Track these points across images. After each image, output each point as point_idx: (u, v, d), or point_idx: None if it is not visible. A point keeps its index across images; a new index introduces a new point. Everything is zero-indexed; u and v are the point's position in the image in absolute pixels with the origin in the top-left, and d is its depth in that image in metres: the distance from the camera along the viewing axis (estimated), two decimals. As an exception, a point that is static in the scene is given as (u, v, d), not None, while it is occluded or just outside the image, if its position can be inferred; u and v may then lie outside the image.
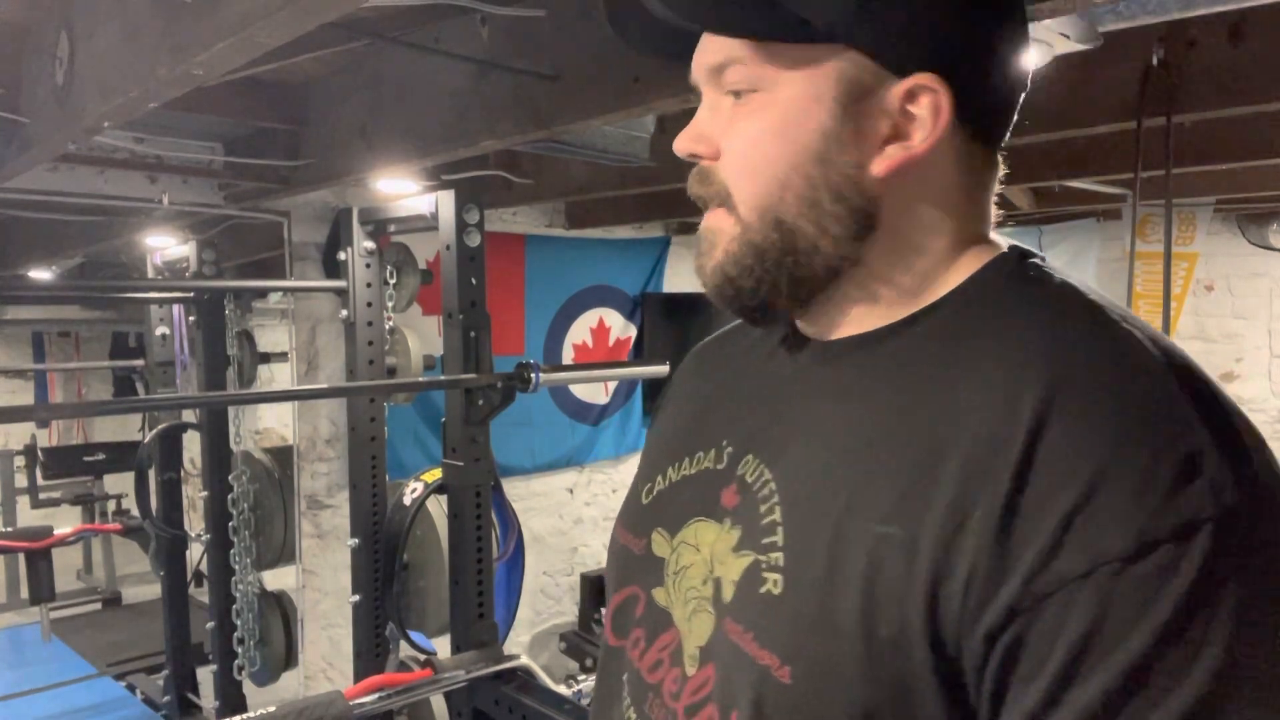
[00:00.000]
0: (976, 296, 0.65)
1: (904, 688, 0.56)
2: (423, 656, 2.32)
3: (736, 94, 0.66)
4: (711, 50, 0.67)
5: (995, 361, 0.59)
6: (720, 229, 0.69)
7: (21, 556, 3.43)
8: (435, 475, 2.41)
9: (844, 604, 0.58)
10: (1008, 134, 0.69)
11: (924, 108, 0.63)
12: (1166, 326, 2.02)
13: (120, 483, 5.73)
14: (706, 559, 0.69)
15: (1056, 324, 0.60)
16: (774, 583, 0.62)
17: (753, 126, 0.66)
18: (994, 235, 0.70)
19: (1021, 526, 0.53)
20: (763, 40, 0.63)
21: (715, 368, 0.85)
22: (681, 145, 0.70)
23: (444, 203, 2.27)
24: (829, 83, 0.63)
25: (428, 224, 2.38)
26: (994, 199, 0.71)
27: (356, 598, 2.64)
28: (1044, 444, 0.54)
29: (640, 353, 4.75)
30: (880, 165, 0.64)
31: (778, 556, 0.63)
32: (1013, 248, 0.69)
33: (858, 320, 0.68)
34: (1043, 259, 0.68)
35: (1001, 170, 0.71)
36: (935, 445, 0.58)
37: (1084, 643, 0.50)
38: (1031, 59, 1.45)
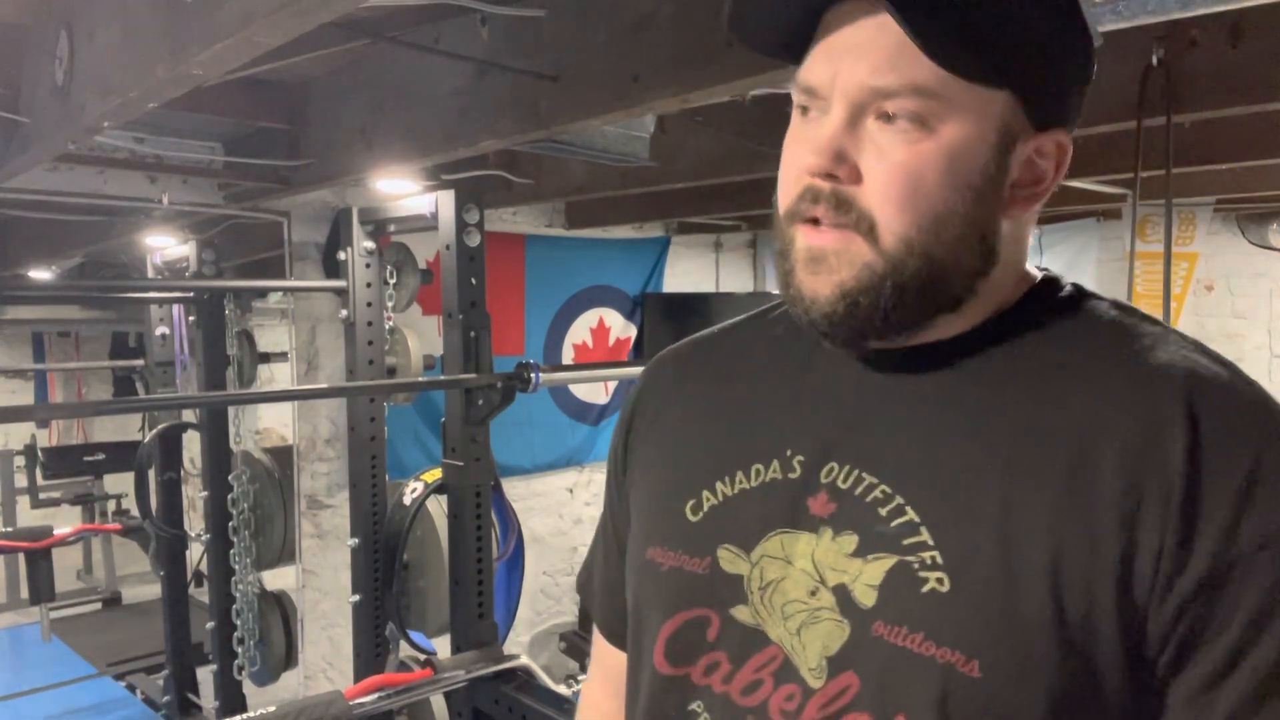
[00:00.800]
0: (1048, 312, 0.71)
1: (1092, 666, 0.60)
2: (423, 656, 2.32)
3: (889, 117, 0.65)
4: (884, 71, 0.64)
5: (1118, 370, 0.66)
6: (847, 251, 0.67)
7: (21, 556, 3.44)
8: (435, 475, 2.41)
9: (1030, 594, 0.61)
10: None
11: (1050, 160, 0.69)
12: (1166, 327, 2.02)
13: (120, 483, 5.73)
14: (808, 570, 0.68)
15: (1156, 338, 0.68)
16: (938, 580, 0.63)
17: (916, 157, 0.64)
18: None
19: (1202, 508, 0.59)
20: (970, 79, 0.64)
21: (724, 376, 0.83)
22: (819, 162, 0.66)
23: (444, 203, 2.27)
24: (993, 126, 0.65)
25: (427, 224, 2.38)
26: None
27: (356, 598, 2.64)
28: (1204, 436, 0.61)
29: (640, 353, 4.75)
30: (1017, 209, 0.69)
31: (932, 555, 0.64)
32: (1045, 270, 0.75)
33: (934, 330, 0.70)
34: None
35: None
36: (1084, 441, 0.63)
37: (1264, 608, 0.58)
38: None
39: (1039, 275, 0.74)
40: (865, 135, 0.65)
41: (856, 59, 0.65)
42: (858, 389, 0.73)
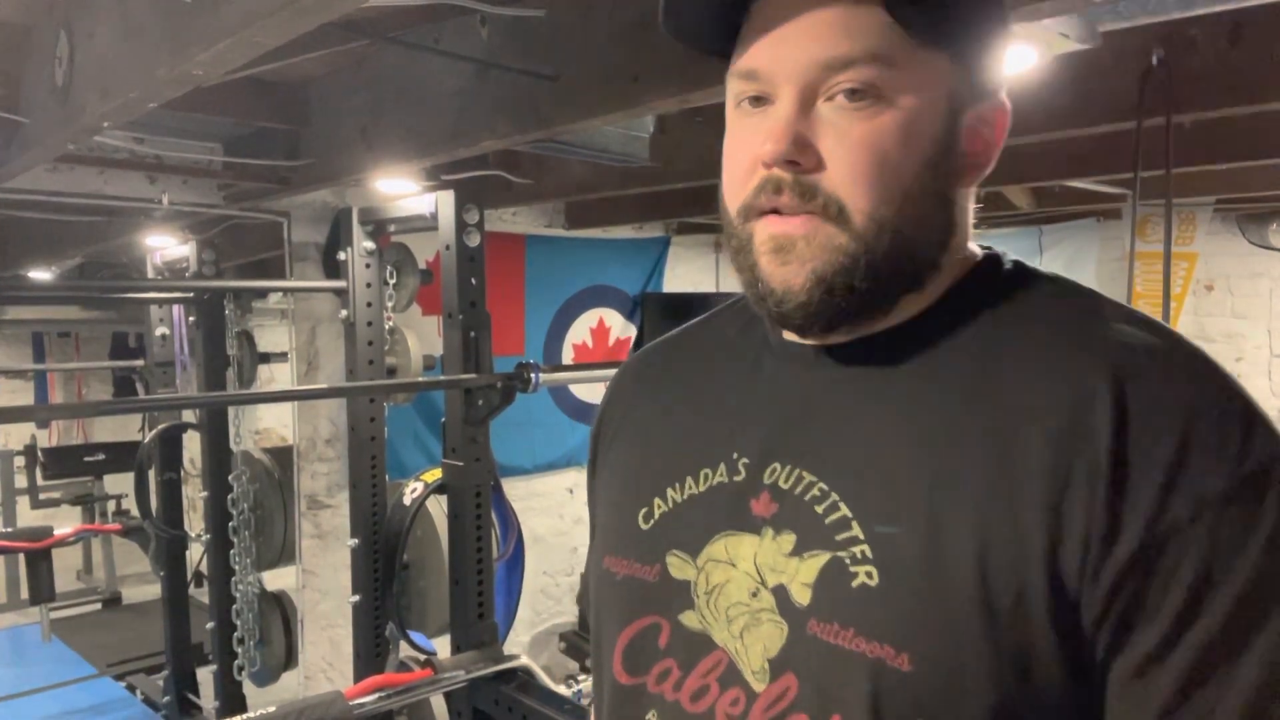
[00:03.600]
0: (990, 291, 0.68)
1: (1025, 652, 0.58)
2: (423, 656, 2.32)
3: (853, 93, 0.62)
4: (838, 41, 0.62)
5: (1046, 347, 0.64)
6: (816, 238, 0.64)
7: (21, 556, 3.44)
8: (435, 475, 2.41)
9: (957, 582, 0.59)
10: None
11: (993, 125, 0.67)
12: (1166, 326, 2.02)
13: (120, 483, 5.73)
14: (749, 571, 0.67)
15: (1086, 311, 0.66)
16: (867, 575, 0.62)
17: (877, 132, 0.63)
18: None
19: (1130, 485, 0.57)
20: (917, 33, 0.62)
21: (674, 384, 0.82)
22: (779, 149, 0.63)
23: (444, 203, 2.27)
24: (942, 93, 0.64)
25: (427, 224, 2.38)
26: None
27: (356, 598, 2.64)
28: (1131, 414, 0.59)
29: (640, 353, 4.75)
30: (969, 176, 0.68)
31: (863, 549, 0.62)
32: (987, 247, 0.73)
33: (876, 321, 0.69)
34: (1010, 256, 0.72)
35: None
36: (1009, 424, 0.61)
37: (1199, 581, 0.56)
38: (1030, 59, 1.45)
39: (980, 253, 0.72)
40: (819, 119, 0.63)
41: (804, 37, 0.63)
42: (802, 386, 0.72)
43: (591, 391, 4.61)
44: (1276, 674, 0.55)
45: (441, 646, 2.46)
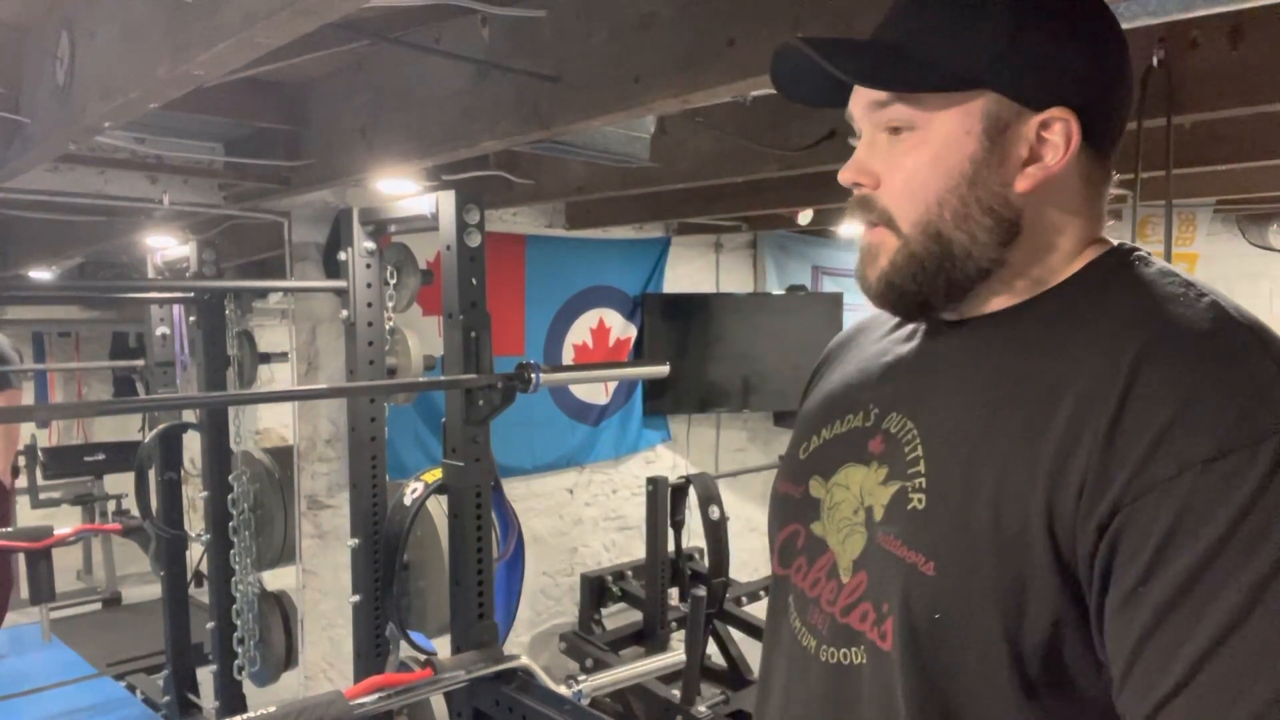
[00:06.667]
0: (1087, 281, 0.80)
1: (1025, 573, 0.71)
2: (423, 657, 2.32)
3: (895, 130, 0.81)
4: (874, 91, 0.81)
5: (1103, 322, 0.75)
6: (882, 243, 0.84)
7: (21, 556, 3.43)
8: (435, 475, 2.41)
9: (977, 510, 0.74)
10: (1119, 143, 0.85)
11: (1057, 135, 0.78)
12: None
13: (120, 483, 5.73)
14: (857, 494, 0.86)
15: (1154, 292, 0.76)
16: (919, 500, 0.79)
17: (911, 159, 0.80)
18: (1105, 234, 0.85)
19: (1123, 441, 0.67)
20: (923, 92, 0.78)
21: (855, 352, 1.01)
22: (847, 176, 0.85)
23: (444, 203, 2.27)
24: (975, 119, 0.78)
25: (428, 224, 2.38)
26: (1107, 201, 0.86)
27: (356, 598, 2.64)
28: (1141, 379, 0.69)
29: (640, 353, 4.75)
30: (1022, 183, 0.79)
31: (921, 481, 0.79)
32: (1122, 244, 0.84)
33: (990, 303, 0.83)
34: (1147, 252, 0.83)
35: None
36: (1052, 389, 0.73)
37: (1174, 527, 0.65)
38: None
39: (1108, 248, 0.82)
40: (880, 148, 0.83)
41: (861, 89, 0.83)
42: (927, 355, 0.88)
43: (592, 392, 4.61)
44: (1239, 617, 0.62)
45: (441, 646, 2.46)
